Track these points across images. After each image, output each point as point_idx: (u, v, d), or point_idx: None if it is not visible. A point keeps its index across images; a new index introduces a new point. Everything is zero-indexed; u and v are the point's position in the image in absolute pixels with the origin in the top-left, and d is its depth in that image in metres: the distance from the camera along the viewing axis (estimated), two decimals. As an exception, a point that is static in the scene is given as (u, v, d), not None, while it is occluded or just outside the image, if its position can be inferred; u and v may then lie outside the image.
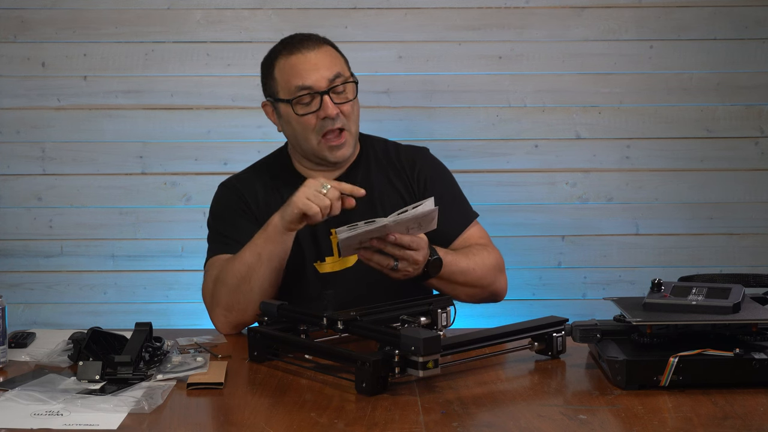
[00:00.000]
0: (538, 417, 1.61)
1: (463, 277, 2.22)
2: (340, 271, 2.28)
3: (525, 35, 3.30)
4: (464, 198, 2.43)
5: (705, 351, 1.73)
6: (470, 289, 2.26)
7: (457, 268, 2.20)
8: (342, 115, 2.25)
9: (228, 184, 2.40)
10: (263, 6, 3.28)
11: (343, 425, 1.58)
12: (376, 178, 2.34)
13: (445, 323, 2.01)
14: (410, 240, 2.04)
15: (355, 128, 2.30)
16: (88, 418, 1.61)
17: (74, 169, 3.32)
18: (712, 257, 3.37)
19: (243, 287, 2.15)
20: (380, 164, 2.38)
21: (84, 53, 3.28)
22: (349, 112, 2.27)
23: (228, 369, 1.86)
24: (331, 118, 2.23)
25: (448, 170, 2.45)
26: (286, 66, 2.27)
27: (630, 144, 3.35)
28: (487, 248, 2.32)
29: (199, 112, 3.31)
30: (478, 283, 2.26)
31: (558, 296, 3.38)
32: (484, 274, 2.26)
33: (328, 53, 2.29)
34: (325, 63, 2.25)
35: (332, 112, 2.23)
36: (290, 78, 2.25)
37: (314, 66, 2.24)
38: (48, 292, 3.35)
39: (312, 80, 2.23)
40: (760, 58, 3.31)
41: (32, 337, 2.11)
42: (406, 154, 2.41)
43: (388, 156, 2.39)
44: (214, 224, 2.35)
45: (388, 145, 2.43)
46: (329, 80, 2.24)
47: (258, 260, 2.14)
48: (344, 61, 2.32)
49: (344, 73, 2.28)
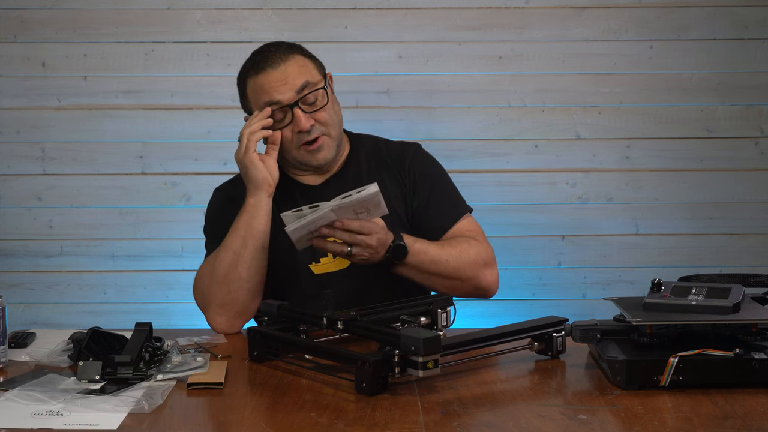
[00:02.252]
0: (538, 417, 1.61)
1: (435, 267, 2.21)
2: (335, 271, 2.28)
3: (525, 35, 3.31)
4: (456, 192, 2.41)
5: (705, 351, 1.73)
6: (446, 281, 2.23)
7: (426, 257, 2.19)
8: (318, 124, 2.25)
9: (221, 189, 2.41)
10: (263, 6, 3.28)
11: (343, 425, 1.58)
12: (367, 176, 2.34)
13: (445, 323, 2.01)
14: (359, 225, 2.07)
15: (335, 131, 2.29)
16: (88, 418, 1.61)
17: (74, 169, 3.32)
18: (712, 257, 3.37)
19: (231, 275, 2.17)
20: (371, 162, 2.38)
21: (84, 53, 3.28)
22: (326, 118, 2.26)
23: (228, 369, 1.86)
24: (306, 131, 2.24)
25: (439, 164, 2.43)
26: (255, 85, 2.26)
27: (630, 144, 3.35)
28: (471, 241, 2.29)
29: (199, 112, 3.31)
30: (453, 274, 2.23)
31: (558, 296, 3.38)
32: (461, 266, 2.24)
33: (295, 64, 2.25)
34: (291, 75, 2.23)
35: (305, 125, 2.23)
36: (259, 97, 2.26)
37: (281, 81, 2.23)
38: (48, 292, 3.36)
39: (279, 96, 2.22)
40: (760, 58, 3.31)
41: (32, 337, 2.11)
42: (396, 149, 2.41)
43: (378, 153, 2.39)
44: (208, 230, 2.37)
45: (378, 142, 2.43)
46: (297, 92, 2.23)
47: (243, 244, 2.17)
48: (314, 65, 2.29)
49: (313, 80, 2.25)
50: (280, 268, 2.26)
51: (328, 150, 2.28)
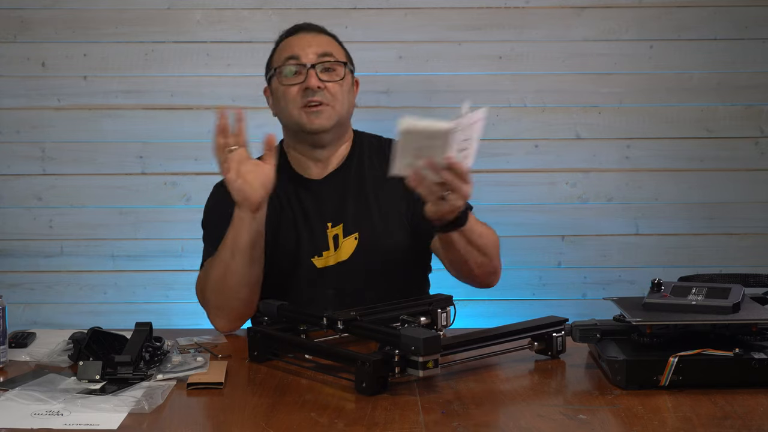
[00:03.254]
0: (538, 417, 1.61)
1: (480, 240, 2.15)
2: (336, 264, 2.28)
3: (525, 35, 3.30)
4: None
5: (705, 351, 1.73)
6: (481, 257, 2.17)
7: (477, 228, 2.14)
8: (327, 93, 2.26)
9: (222, 184, 2.40)
10: (263, 6, 3.28)
11: (343, 425, 1.58)
12: (369, 173, 2.35)
13: (445, 323, 2.02)
14: (467, 169, 1.88)
15: (341, 108, 2.29)
16: (88, 418, 1.61)
17: (74, 169, 3.32)
18: (712, 257, 3.37)
19: (224, 287, 2.16)
20: (373, 160, 2.38)
21: (84, 53, 3.28)
22: (335, 90, 2.27)
23: (228, 369, 1.86)
24: (312, 89, 2.25)
25: None
26: (284, 44, 2.34)
27: (630, 144, 3.35)
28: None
29: (199, 112, 3.31)
30: (488, 250, 2.18)
31: (558, 296, 3.37)
32: (491, 243, 2.21)
33: (326, 39, 2.35)
34: (319, 42, 2.31)
35: (314, 83, 2.25)
36: (282, 52, 2.32)
37: (307, 43, 2.30)
38: (48, 292, 3.35)
39: (301, 52, 2.28)
40: (760, 58, 3.31)
41: (32, 337, 2.11)
42: None
43: (381, 151, 2.39)
44: (207, 225, 2.37)
45: (381, 141, 2.43)
46: (318, 55, 2.28)
47: (231, 256, 2.14)
48: (343, 52, 2.35)
49: (337, 56, 2.30)
50: (282, 262, 2.26)
51: (326, 119, 2.27)
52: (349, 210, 2.30)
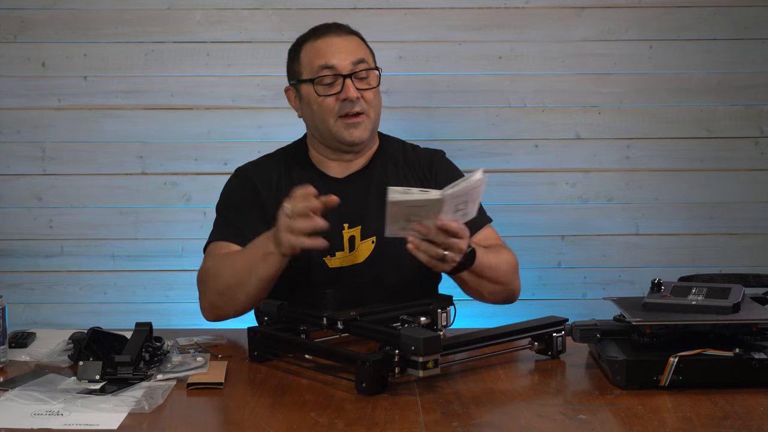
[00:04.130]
0: (538, 417, 1.61)
1: (491, 272, 2.16)
2: (349, 266, 2.27)
3: (525, 35, 3.31)
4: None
5: (705, 351, 1.73)
6: (495, 286, 2.20)
7: (486, 261, 2.14)
8: (363, 101, 2.26)
9: (242, 170, 2.39)
10: (263, 6, 3.28)
11: (343, 425, 1.58)
12: (392, 176, 2.34)
13: (445, 323, 2.01)
14: (458, 227, 1.93)
15: (375, 116, 2.31)
16: (88, 418, 1.61)
17: (74, 169, 3.32)
18: (712, 257, 3.37)
19: (228, 295, 2.15)
20: (397, 163, 2.37)
21: (84, 53, 3.28)
22: (371, 99, 2.28)
23: (228, 369, 1.86)
24: (351, 100, 2.24)
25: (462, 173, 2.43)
26: (312, 48, 2.29)
27: (630, 144, 3.35)
28: (504, 248, 2.30)
29: (199, 112, 3.31)
30: (501, 279, 2.21)
31: (558, 296, 3.38)
32: (507, 270, 2.23)
33: (355, 41, 2.32)
34: (350, 48, 2.28)
35: (353, 94, 2.24)
36: (314, 59, 2.27)
37: (339, 49, 2.27)
38: (48, 292, 3.36)
39: (336, 61, 2.25)
40: (760, 58, 3.31)
41: (32, 337, 2.11)
42: (422, 153, 2.42)
43: (405, 156, 2.39)
44: (222, 209, 2.34)
45: (405, 146, 2.43)
46: (353, 63, 2.26)
47: (248, 276, 2.11)
48: (371, 53, 2.35)
49: (369, 61, 2.30)
50: (293, 261, 2.25)
51: (364, 130, 2.28)
52: (370, 213, 2.27)
